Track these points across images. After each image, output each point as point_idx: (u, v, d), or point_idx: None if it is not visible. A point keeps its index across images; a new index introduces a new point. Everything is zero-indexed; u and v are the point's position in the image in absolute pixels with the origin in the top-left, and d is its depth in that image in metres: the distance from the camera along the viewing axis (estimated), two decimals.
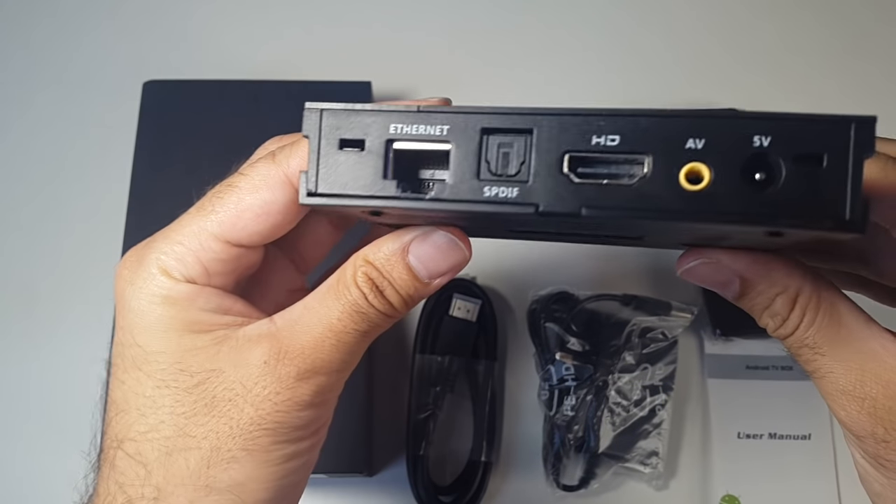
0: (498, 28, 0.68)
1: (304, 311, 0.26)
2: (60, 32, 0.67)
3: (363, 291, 0.26)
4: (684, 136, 0.20)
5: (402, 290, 0.27)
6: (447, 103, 0.26)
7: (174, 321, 0.26)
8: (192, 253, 0.26)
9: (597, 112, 0.20)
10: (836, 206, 0.19)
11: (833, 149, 0.19)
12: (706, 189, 0.19)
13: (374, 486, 0.51)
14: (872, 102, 0.65)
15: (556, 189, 0.21)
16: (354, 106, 0.22)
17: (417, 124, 0.21)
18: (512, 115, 0.21)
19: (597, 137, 0.20)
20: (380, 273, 0.26)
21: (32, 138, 0.62)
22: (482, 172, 0.21)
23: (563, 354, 0.50)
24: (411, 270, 0.26)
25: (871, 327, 0.25)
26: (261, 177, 0.26)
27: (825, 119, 0.19)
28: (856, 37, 0.68)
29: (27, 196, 0.59)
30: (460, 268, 0.27)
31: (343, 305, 0.26)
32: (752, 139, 0.19)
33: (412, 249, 0.26)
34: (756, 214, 0.19)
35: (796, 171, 0.19)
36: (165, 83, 0.57)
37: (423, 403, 0.50)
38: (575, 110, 0.21)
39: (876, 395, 0.24)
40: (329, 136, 0.22)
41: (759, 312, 0.26)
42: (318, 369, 0.26)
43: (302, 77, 0.60)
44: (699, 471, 0.51)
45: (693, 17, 0.69)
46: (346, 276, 0.26)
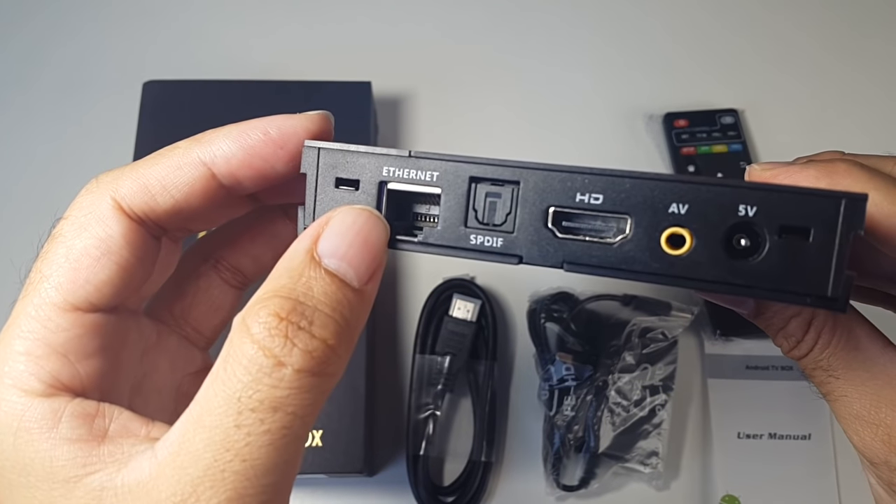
0: (498, 28, 0.68)
1: (185, 430, 0.18)
2: (61, 32, 0.67)
3: (273, 352, 0.18)
4: (668, 200, 0.20)
5: (335, 312, 0.19)
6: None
7: (31, 474, 0.19)
8: (39, 342, 0.20)
9: (582, 170, 0.21)
10: (819, 283, 0.19)
11: (821, 224, 0.18)
12: (687, 254, 0.20)
13: (374, 486, 0.51)
14: (872, 102, 0.65)
15: (540, 242, 0.21)
16: (349, 147, 0.22)
17: (409, 169, 0.22)
18: (500, 167, 0.21)
19: (581, 195, 0.21)
20: (294, 303, 0.19)
21: (33, 138, 0.62)
22: (469, 220, 0.22)
23: (562, 354, 0.50)
24: (335, 276, 0.20)
25: (889, 352, 0.25)
26: (84, 212, 0.21)
27: (814, 193, 0.19)
28: (852, 34, 0.68)
29: (27, 196, 0.59)
30: (384, 251, 0.21)
31: (241, 399, 0.18)
32: (738, 208, 0.19)
33: (322, 245, 0.20)
34: (735, 284, 0.19)
35: (780, 244, 0.19)
36: (165, 83, 0.57)
37: (423, 403, 0.50)
38: (562, 167, 0.21)
39: (891, 422, 0.24)
40: (326, 174, 0.23)
41: (774, 332, 0.26)
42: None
43: (302, 77, 0.60)
44: (699, 471, 0.51)
45: (706, 18, 0.69)
46: (234, 343, 0.18)
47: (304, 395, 0.18)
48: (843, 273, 0.18)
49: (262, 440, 0.18)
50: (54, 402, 0.20)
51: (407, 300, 0.56)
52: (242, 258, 0.28)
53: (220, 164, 0.22)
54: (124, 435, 0.20)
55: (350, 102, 0.56)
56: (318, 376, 0.19)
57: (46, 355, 0.20)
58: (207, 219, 0.26)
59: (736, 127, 0.61)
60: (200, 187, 0.22)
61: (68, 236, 0.21)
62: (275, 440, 0.18)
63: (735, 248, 0.19)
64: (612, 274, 0.20)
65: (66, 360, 0.20)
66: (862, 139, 0.63)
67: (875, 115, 0.64)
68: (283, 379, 0.18)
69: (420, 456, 0.49)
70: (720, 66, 0.66)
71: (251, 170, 0.23)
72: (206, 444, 0.18)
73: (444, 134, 0.63)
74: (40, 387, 0.20)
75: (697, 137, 0.61)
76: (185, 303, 0.26)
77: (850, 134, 0.63)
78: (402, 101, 0.64)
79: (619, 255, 0.20)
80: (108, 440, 0.19)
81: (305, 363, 0.18)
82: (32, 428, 0.19)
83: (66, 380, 0.20)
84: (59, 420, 0.20)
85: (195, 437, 0.18)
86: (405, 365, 0.53)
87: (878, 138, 0.63)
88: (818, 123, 0.64)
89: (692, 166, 0.59)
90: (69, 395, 0.20)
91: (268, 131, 0.23)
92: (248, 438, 0.17)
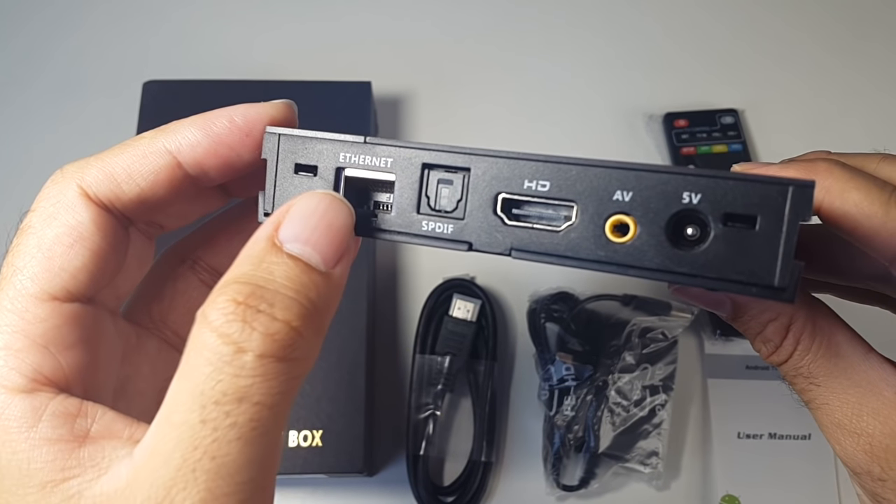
0: (498, 28, 0.68)
1: (156, 431, 0.18)
2: (60, 32, 0.67)
3: (232, 338, 0.17)
4: (612, 188, 0.20)
5: (298, 294, 0.18)
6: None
7: (6, 478, 0.18)
8: (18, 334, 0.19)
9: (530, 157, 0.21)
10: (766, 272, 0.18)
11: (767, 212, 0.18)
12: (631, 242, 0.19)
13: (374, 486, 0.50)
14: (872, 101, 0.65)
15: (489, 229, 0.21)
16: (308, 133, 0.23)
17: (364, 155, 0.22)
18: (451, 153, 0.21)
19: (529, 182, 0.21)
20: (252, 287, 0.18)
21: (32, 138, 0.62)
22: (422, 207, 0.22)
23: (562, 354, 0.50)
24: (298, 259, 0.19)
25: (871, 358, 0.24)
26: (52, 202, 0.21)
27: (761, 180, 0.18)
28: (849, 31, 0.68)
29: (27, 196, 0.59)
30: (350, 234, 0.21)
31: (203, 392, 0.17)
32: (682, 195, 0.19)
33: (284, 231, 0.19)
34: (679, 273, 0.19)
35: (725, 232, 0.18)
36: (165, 83, 0.57)
37: (423, 403, 0.50)
38: (510, 153, 0.21)
39: (873, 431, 0.23)
40: (285, 160, 0.23)
41: (752, 337, 0.26)
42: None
43: (302, 77, 0.60)
44: (699, 471, 0.51)
45: (705, 17, 0.69)
46: (194, 335, 0.18)
47: (270, 383, 0.17)
48: (791, 262, 0.18)
49: (230, 434, 0.17)
50: (35, 398, 0.19)
51: (407, 300, 0.56)
52: (220, 258, 0.27)
53: (185, 152, 0.22)
54: (106, 436, 0.19)
55: (350, 102, 0.56)
56: (284, 361, 0.17)
57: (26, 348, 0.19)
58: (179, 213, 0.26)
59: (736, 127, 0.61)
60: (166, 176, 0.22)
61: (38, 227, 0.21)
62: (244, 434, 0.17)
63: (681, 236, 0.19)
64: (558, 261, 0.20)
65: (47, 352, 0.20)
66: (862, 139, 0.63)
67: (875, 115, 0.64)
68: (244, 366, 0.17)
69: (420, 456, 0.49)
70: (720, 66, 0.66)
71: (217, 158, 0.23)
72: (175, 444, 0.17)
73: (444, 134, 0.63)
74: (22, 381, 0.19)
75: (697, 137, 0.61)
76: (163, 305, 0.26)
77: (850, 134, 0.63)
78: (402, 101, 0.64)
79: (565, 242, 0.20)
80: (89, 442, 0.19)
81: (267, 347, 0.17)
82: (11, 427, 0.18)
83: (48, 372, 0.19)
84: (39, 418, 0.19)
85: (165, 437, 0.17)
86: (405, 365, 0.53)
87: (879, 138, 0.63)
88: (818, 123, 0.64)
89: (692, 166, 0.59)
90: (52, 391, 0.19)
91: (233, 119, 0.23)
92: (216, 434, 0.17)
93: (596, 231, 0.20)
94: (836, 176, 0.22)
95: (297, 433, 0.46)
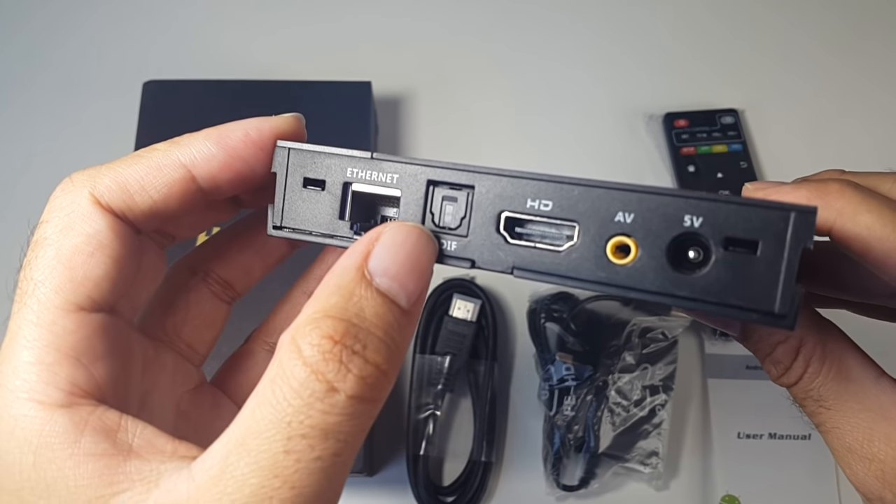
0: (498, 29, 0.68)
1: (228, 453, 0.17)
2: (61, 32, 0.67)
3: (326, 377, 0.17)
4: (615, 209, 0.20)
5: (387, 336, 0.18)
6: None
7: (53, 496, 0.18)
8: (48, 348, 0.19)
9: (533, 176, 0.21)
10: (766, 298, 0.18)
11: (768, 237, 0.18)
12: (632, 264, 0.19)
13: (374, 486, 0.50)
14: (873, 102, 0.65)
15: (492, 246, 0.21)
16: (317, 148, 0.23)
17: (370, 171, 0.22)
18: (456, 171, 0.22)
19: (532, 201, 0.21)
20: (347, 325, 0.18)
21: (32, 138, 0.62)
22: (426, 223, 0.22)
23: (562, 354, 0.50)
24: (385, 296, 0.19)
25: (882, 382, 0.24)
26: (66, 212, 0.21)
27: (763, 205, 0.18)
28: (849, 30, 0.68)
29: (27, 196, 0.59)
30: (432, 270, 0.21)
31: (291, 424, 0.17)
32: (684, 219, 0.19)
33: (373, 263, 0.19)
34: (680, 297, 0.19)
35: (726, 257, 0.18)
36: (165, 83, 0.56)
37: (423, 403, 0.50)
38: (514, 172, 0.21)
39: (885, 456, 0.23)
40: (294, 174, 0.23)
41: (762, 358, 0.25)
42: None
43: (302, 77, 0.60)
44: (699, 471, 0.51)
45: (705, 18, 0.69)
46: (283, 365, 0.18)
47: (354, 422, 0.18)
48: (791, 288, 0.18)
49: (313, 467, 0.17)
50: (75, 412, 0.19)
51: None
52: (231, 270, 0.27)
53: (200, 165, 0.22)
54: (150, 451, 0.19)
55: (350, 102, 0.56)
56: (370, 402, 0.18)
57: (58, 361, 0.19)
58: (190, 224, 0.25)
59: (736, 127, 0.61)
60: (179, 189, 0.22)
61: (54, 238, 0.20)
62: (325, 467, 0.17)
63: (683, 259, 0.19)
64: (559, 281, 0.20)
65: (80, 364, 0.19)
66: (862, 139, 0.63)
67: (875, 115, 0.64)
68: (335, 405, 0.17)
69: (420, 456, 0.49)
70: (720, 66, 0.66)
71: (231, 172, 0.23)
72: (252, 469, 0.17)
73: (444, 133, 0.63)
74: (59, 395, 0.19)
75: (697, 137, 0.61)
76: (176, 318, 0.26)
77: (850, 134, 0.63)
78: (402, 101, 0.64)
79: (566, 262, 0.20)
80: (133, 456, 0.18)
81: (359, 389, 0.17)
82: (54, 443, 0.18)
83: (83, 384, 0.19)
84: (81, 433, 0.18)
85: (239, 460, 0.17)
86: (405, 365, 0.53)
87: (879, 138, 0.63)
88: (818, 123, 0.64)
89: (692, 166, 0.60)
90: (90, 404, 0.19)
91: (248, 132, 0.23)
92: (298, 465, 0.17)
93: (597, 252, 0.20)
94: (848, 198, 0.22)
95: None
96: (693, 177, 0.59)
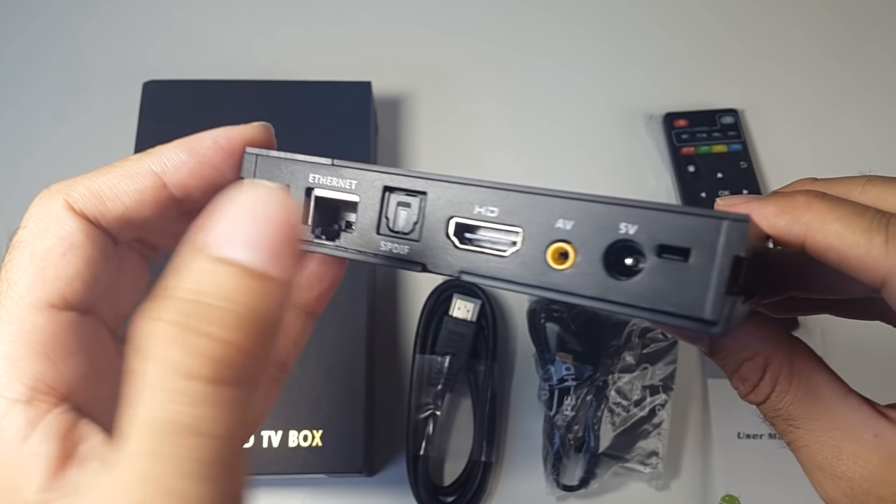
0: (498, 28, 0.68)
1: (115, 458, 0.16)
2: (61, 33, 0.67)
3: (175, 366, 0.16)
4: (555, 216, 0.20)
5: (235, 304, 0.16)
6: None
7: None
8: (17, 343, 0.19)
9: (480, 183, 0.21)
10: (697, 305, 0.18)
11: (700, 245, 0.18)
12: (570, 270, 0.20)
13: (374, 486, 0.51)
14: (872, 102, 0.65)
15: (441, 251, 0.22)
16: (282, 154, 0.24)
17: (331, 177, 0.23)
18: (410, 178, 0.22)
19: (479, 207, 0.21)
20: (181, 302, 0.16)
21: (32, 138, 0.62)
22: (382, 228, 0.23)
23: (562, 354, 0.50)
24: (225, 262, 0.16)
25: (850, 401, 0.24)
26: (41, 217, 0.22)
27: (696, 214, 0.18)
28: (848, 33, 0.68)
29: (27, 197, 0.59)
30: (296, 229, 0.18)
31: (152, 423, 0.16)
32: (619, 226, 0.19)
33: (213, 232, 0.17)
34: (616, 303, 0.19)
35: (660, 264, 0.18)
36: (165, 83, 0.56)
37: (423, 403, 0.50)
38: (463, 179, 0.22)
39: (853, 475, 0.23)
40: (261, 180, 0.24)
41: (729, 374, 0.25)
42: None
43: (302, 77, 0.60)
44: (699, 471, 0.51)
45: (705, 18, 0.69)
46: (133, 363, 0.16)
47: (217, 411, 0.16)
48: (723, 296, 0.18)
49: (189, 469, 0.15)
50: (32, 409, 0.19)
51: (407, 300, 0.56)
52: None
53: (170, 172, 0.23)
54: (92, 458, 0.18)
55: (350, 102, 0.56)
56: (232, 385, 0.16)
57: (26, 356, 0.19)
58: (170, 234, 0.26)
59: (736, 127, 0.61)
60: (151, 196, 0.23)
61: (29, 241, 0.21)
62: (196, 470, 0.15)
63: (620, 266, 0.19)
64: (504, 286, 0.21)
65: (48, 359, 0.19)
66: (862, 139, 0.63)
67: (875, 115, 0.64)
68: (195, 396, 0.15)
69: (420, 456, 0.49)
70: (720, 66, 0.66)
71: (201, 178, 0.23)
72: (130, 476, 0.16)
73: (444, 133, 0.63)
74: (22, 390, 0.19)
75: (697, 137, 0.61)
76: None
77: (850, 134, 0.63)
78: (402, 101, 0.64)
79: (510, 267, 0.21)
80: (74, 462, 0.18)
81: (212, 371, 0.16)
82: (4, 438, 0.18)
83: (50, 380, 0.19)
84: (32, 430, 0.18)
85: (121, 468, 0.16)
86: (405, 365, 0.53)
87: (879, 138, 0.63)
88: (818, 123, 0.64)
89: (692, 166, 0.60)
90: (52, 400, 0.19)
91: (216, 140, 0.24)
92: (167, 468, 0.15)
93: (538, 258, 0.20)
94: (815, 209, 0.22)
95: (297, 433, 0.46)
96: (693, 177, 0.59)
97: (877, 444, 0.23)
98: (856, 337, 0.52)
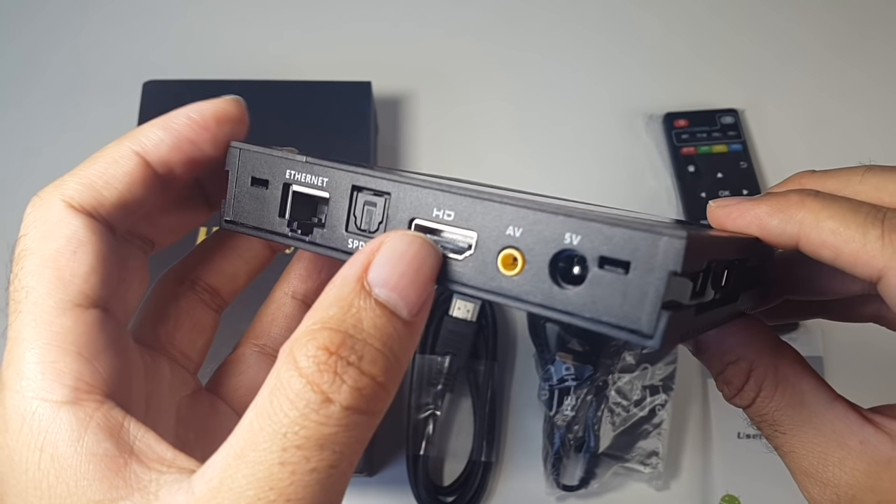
0: (498, 28, 0.68)
1: (227, 465, 0.17)
2: (61, 33, 0.67)
3: (321, 388, 0.17)
4: (506, 222, 0.20)
5: (385, 347, 0.18)
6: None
7: (54, 498, 0.18)
8: (49, 346, 0.19)
9: (440, 186, 0.21)
10: (634, 318, 0.18)
11: (639, 259, 0.18)
12: (517, 276, 0.20)
13: (374, 486, 0.51)
14: (873, 101, 0.65)
15: None
16: (263, 150, 0.25)
17: (305, 173, 0.24)
18: (375, 178, 0.22)
19: (437, 210, 0.21)
20: (343, 336, 0.18)
21: (32, 139, 0.62)
22: (350, 225, 0.23)
23: (562, 354, 0.50)
24: (385, 307, 0.19)
25: (836, 407, 0.24)
26: (41, 223, 0.21)
27: (636, 228, 0.18)
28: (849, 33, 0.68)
29: (27, 197, 0.59)
30: (434, 280, 0.20)
31: (286, 435, 0.17)
32: (564, 236, 0.19)
33: (373, 273, 0.19)
34: (559, 311, 0.19)
35: (601, 275, 0.19)
36: (165, 83, 0.57)
37: (423, 403, 0.50)
38: (424, 181, 0.22)
39: (838, 481, 0.23)
40: (244, 173, 0.25)
41: (715, 376, 0.25)
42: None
43: (302, 77, 0.60)
44: (699, 471, 0.51)
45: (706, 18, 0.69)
46: (281, 376, 0.18)
47: (351, 433, 0.17)
48: (658, 310, 0.18)
49: (308, 479, 0.17)
50: (80, 409, 0.19)
51: None
52: (217, 277, 0.28)
53: (150, 150, 0.23)
54: (151, 458, 0.18)
55: (350, 102, 0.56)
56: (366, 414, 0.18)
57: (60, 358, 0.19)
58: (167, 227, 0.26)
59: (736, 127, 0.61)
60: (139, 177, 0.23)
61: (35, 247, 0.21)
62: (321, 479, 0.17)
63: (567, 275, 0.19)
64: (456, 288, 0.21)
65: (82, 358, 0.19)
66: (863, 139, 0.63)
67: (876, 115, 0.64)
68: (331, 416, 0.17)
69: (420, 456, 0.49)
70: (720, 65, 0.66)
71: (181, 153, 0.24)
72: (249, 482, 0.17)
73: (444, 133, 0.63)
74: (65, 392, 0.19)
75: (697, 137, 0.61)
76: (168, 326, 0.26)
77: (850, 133, 0.63)
78: (402, 101, 0.64)
79: (464, 271, 0.21)
80: (134, 459, 0.18)
81: (354, 400, 0.17)
82: (58, 441, 0.18)
83: (88, 379, 0.19)
84: (85, 430, 0.18)
85: (237, 472, 0.17)
86: None
87: (879, 137, 0.63)
88: (819, 123, 0.64)
89: (692, 166, 0.60)
90: (96, 399, 0.19)
91: (189, 115, 0.24)
92: (293, 477, 0.17)
93: (489, 263, 0.20)
94: (808, 207, 0.22)
95: None
96: (693, 177, 0.59)
97: (862, 450, 0.23)
98: (856, 337, 0.52)
